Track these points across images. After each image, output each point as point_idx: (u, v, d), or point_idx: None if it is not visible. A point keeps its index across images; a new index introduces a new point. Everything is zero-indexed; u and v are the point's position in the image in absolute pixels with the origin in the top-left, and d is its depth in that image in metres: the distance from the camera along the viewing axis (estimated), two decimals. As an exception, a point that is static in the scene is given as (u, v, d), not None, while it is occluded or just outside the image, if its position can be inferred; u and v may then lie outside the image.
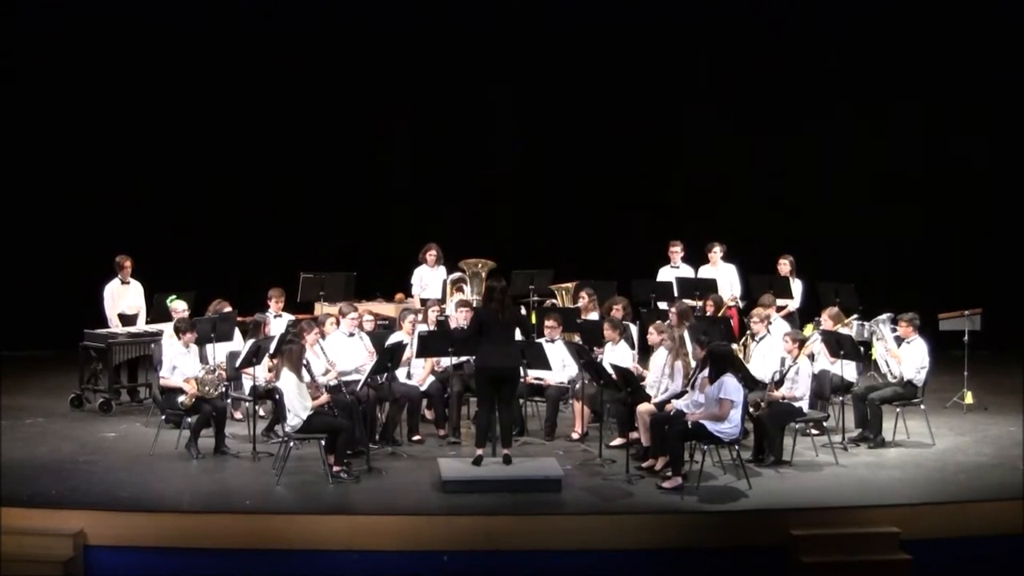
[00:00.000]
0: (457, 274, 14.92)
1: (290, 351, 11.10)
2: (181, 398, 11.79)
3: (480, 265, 14.88)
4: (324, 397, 11.29)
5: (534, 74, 17.57)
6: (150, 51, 17.05)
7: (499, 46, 17.49)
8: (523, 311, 14.14)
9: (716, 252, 15.07)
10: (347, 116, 17.51)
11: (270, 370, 11.89)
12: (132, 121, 17.08)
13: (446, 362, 12.49)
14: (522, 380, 12.05)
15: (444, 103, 17.56)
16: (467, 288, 14.72)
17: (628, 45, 17.47)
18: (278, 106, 17.31)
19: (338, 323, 12.57)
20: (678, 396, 11.43)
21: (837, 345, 12.15)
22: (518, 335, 11.82)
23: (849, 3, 17.15)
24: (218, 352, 12.61)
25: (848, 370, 12.46)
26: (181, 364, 11.98)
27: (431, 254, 15.04)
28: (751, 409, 11.32)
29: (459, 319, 12.84)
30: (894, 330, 12.52)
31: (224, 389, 12.17)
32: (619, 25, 17.42)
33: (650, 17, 17.34)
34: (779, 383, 11.62)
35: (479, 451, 11.23)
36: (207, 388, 11.84)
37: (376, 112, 17.62)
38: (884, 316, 12.71)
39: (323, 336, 12.23)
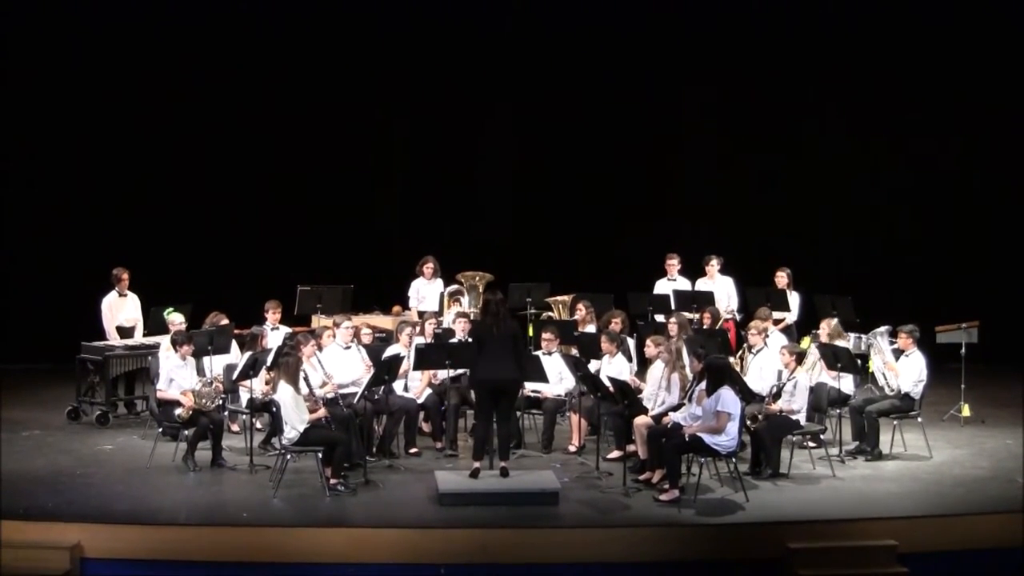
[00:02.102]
0: (454, 287, 14.91)
1: (287, 363, 11.09)
2: (178, 411, 11.77)
3: (477, 278, 14.88)
4: (321, 412, 11.28)
5: (533, 86, 17.59)
6: (146, 61, 17.07)
7: (498, 58, 17.53)
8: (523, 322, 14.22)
9: (713, 265, 15.06)
10: (345, 127, 17.52)
11: (267, 383, 11.88)
12: (129, 133, 17.09)
13: (443, 375, 12.50)
14: (522, 392, 12.07)
15: (442, 114, 17.57)
16: (464, 300, 14.71)
17: (626, 57, 17.51)
18: (275, 118, 17.31)
19: (335, 335, 12.57)
20: (675, 408, 11.44)
21: (834, 358, 12.15)
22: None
23: (845, 10, 17.20)
24: (215, 364, 12.60)
25: (845, 383, 12.47)
26: (178, 377, 11.95)
27: (428, 267, 15.03)
28: (748, 422, 11.32)
29: (458, 331, 12.85)
30: (892, 343, 12.52)
31: (221, 402, 12.17)
32: (617, 36, 17.45)
33: (648, 28, 17.38)
34: (776, 396, 11.62)
35: (476, 464, 11.22)
36: (204, 401, 11.83)
37: (374, 124, 17.65)
38: (882, 328, 12.70)
39: (320, 348, 12.22)
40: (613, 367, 12.30)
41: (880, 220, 17.59)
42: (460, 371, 12.29)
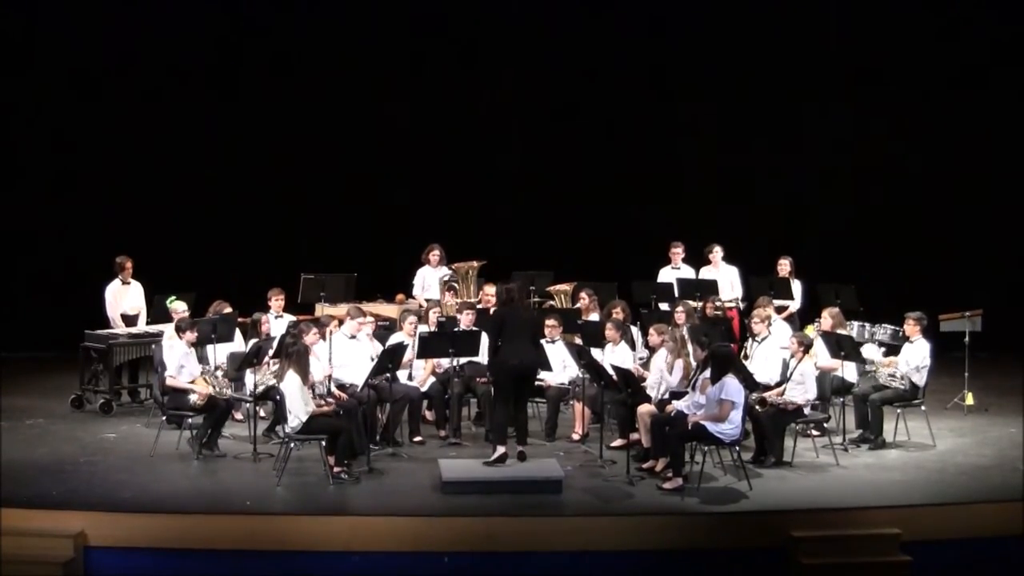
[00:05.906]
0: (447, 274, 14.86)
1: (297, 352, 11.08)
2: (192, 397, 11.74)
3: (470, 270, 14.87)
4: (328, 408, 11.27)
5: (534, 74, 17.57)
6: (150, 51, 17.07)
7: (499, 46, 17.51)
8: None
9: (716, 253, 15.04)
10: (347, 115, 17.50)
11: (273, 375, 11.85)
12: (132, 121, 17.07)
13: (446, 363, 12.50)
14: (539, 383, 12.10)
15: (445, 103, 17.55)
16: (457, 287, 14.65)
17: (628, 45, 17.48)
18: (278, 106, 17.30)
19: (339, 325, 12.54)
20: (677, 396, 11.42)
21: (837, 346, 12.14)
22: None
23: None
24: (219, 353, 12.60)
25: (849, 371, 12.46)
26: (188, 364, 11.94)
27: (434, 254, 15.00)
28: (757, 407, 11.31)
29: (463, 322, 12.81)
30: (882, 344, 12.60)
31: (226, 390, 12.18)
32: (618, 25, 17.42)
33: (649, 17, 17.35)
34: (779, 385, 11.62)
35: (502, 449, 11.18)
36: (219, 388, 11.84)
37: (376, 112, 17.61)
38: (884, 328, 12.77)
39: (324, 338, 12.20)
40: (617, 355, 12.30)
41: (883, 209, 17.54)
42: (464, 360, 12.31)
